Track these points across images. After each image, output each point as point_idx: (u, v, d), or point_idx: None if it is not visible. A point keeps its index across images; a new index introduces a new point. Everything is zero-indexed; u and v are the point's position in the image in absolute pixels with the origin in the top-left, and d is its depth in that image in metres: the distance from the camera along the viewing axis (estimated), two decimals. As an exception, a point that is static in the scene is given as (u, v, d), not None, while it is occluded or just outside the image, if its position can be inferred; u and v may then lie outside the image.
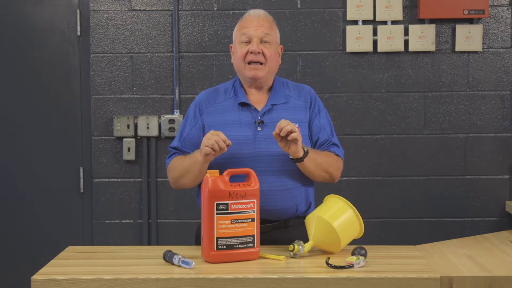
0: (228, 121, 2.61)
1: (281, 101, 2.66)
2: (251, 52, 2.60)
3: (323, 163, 2.58)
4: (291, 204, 2.60)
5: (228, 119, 2.62)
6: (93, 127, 4.10)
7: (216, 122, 2.62)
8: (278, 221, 2.62)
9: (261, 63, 2.61)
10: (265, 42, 2.62)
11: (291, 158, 2.52)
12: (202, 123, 2.65)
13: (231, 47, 2.73)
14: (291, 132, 2.42)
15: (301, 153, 2.49)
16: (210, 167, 2.50)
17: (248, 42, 2.62)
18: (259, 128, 2.59)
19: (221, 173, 2.35)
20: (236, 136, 2.55)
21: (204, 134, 2.61)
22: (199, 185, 2.60)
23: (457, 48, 4.02)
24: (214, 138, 2.41)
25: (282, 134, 2.42)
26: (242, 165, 2.49)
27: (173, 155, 2.68)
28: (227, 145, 2.43)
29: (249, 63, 2.61)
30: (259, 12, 2.68)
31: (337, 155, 2.67)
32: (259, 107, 2.64)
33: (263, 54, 2.60)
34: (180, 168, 2.60)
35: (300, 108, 2.67)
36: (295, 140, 2.44)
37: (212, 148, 2.41)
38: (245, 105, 2.64)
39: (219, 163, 2.52)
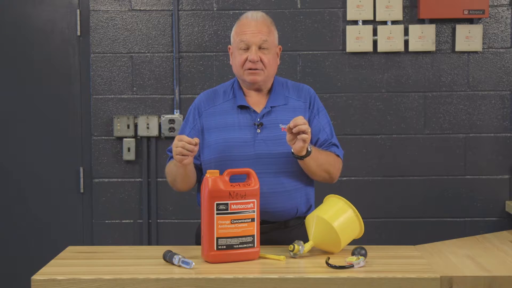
0: (227, 124, 2.60)
1: (280, 103, 2.65)
2: (250, 61, 2.58)
3: (324, 163, 2.58)
4: (291, 206, 2.60)
5: (227, 121, 2.61)
6: (93, 127, 4.10)
7: (215, 125, 2.62)
8: (278, 222, 2.62)
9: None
10: (264, 48, 2.60)
11: (292, 153, 2.51)
12: (201, 126, 2.64)
13: (229, 48, 2.72)
14: (303, 132, 2.41)
15: (304, 152, 2.48)
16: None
17: (247, 49, 2.59)
18: (259, 130, 2.59)
19: (221, 174, 2.35)
20: (235, 139, 2.56)
21: (203, 136, 2.62)
22: (199, 185, 2.60)
23: (457, 48, 4.02)
24: (179, 145, 2.40)
25: (295, 131, 2.41)
26: (241, 167, 2.48)
27: (170, 159, 2.68)
28: (195, 144, 2.40)
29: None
30: (257, 16, 2.63)
31: (337, 155, 2.67)
32: (258, 109, 2.63)
33: (261, 61, 2.59)
34: (171, 173, 2.63)
35: (299, 109, 2.65)
36: (303, 141, 2.44)
37: (182, 154, 2.41)
38: (244, 107, 2.63)
39: (219, 165, 2.52)
